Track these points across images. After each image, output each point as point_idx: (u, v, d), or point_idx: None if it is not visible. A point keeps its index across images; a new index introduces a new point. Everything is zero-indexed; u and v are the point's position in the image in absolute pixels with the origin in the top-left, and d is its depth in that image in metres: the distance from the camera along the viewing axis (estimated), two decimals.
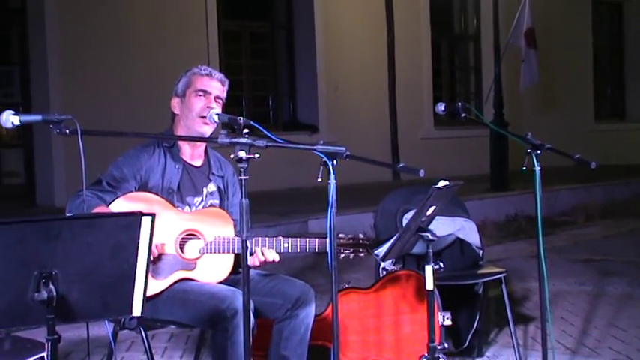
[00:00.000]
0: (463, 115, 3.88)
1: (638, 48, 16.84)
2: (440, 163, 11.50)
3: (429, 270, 3.38)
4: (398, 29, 12.57)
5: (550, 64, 13.30)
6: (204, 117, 3.45)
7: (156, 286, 3.33)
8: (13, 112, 2.68)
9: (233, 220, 3.47)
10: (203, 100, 3.52)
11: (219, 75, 3.60)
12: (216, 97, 3.54)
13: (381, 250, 3.45)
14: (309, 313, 3.48)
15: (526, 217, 9.06)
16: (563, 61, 14.63)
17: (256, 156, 2.83)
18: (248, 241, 2.79)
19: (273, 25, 12.07)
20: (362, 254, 3.47)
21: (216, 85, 3.56)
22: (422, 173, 3.10)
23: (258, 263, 3.43)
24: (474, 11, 14.31)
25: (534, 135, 3.82)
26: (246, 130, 2.88)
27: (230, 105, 11.17)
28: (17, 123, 2.67)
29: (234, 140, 2.82)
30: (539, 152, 3.73)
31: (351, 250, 3.45)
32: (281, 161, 10.04)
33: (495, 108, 10.57)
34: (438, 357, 3.43)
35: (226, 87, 3.61)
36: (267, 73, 12.08)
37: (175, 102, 3.59)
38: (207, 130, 3.50)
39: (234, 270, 3.44)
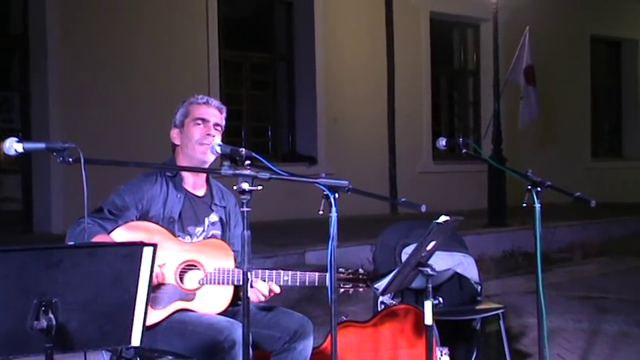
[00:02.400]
0: (464, 150, 3.90)
1: (636, 86, 16.93)
2: (438, 197, 11.48)
3: (428, 305, 3.37)
4: (398, 63, 12.62)
5: (549, 101, 13.34)
6: (205, 144, 3.46)
7: (154, 316, 3.31)
8: (16, 139, 2.69)
9: (234, 251, 3.47)
10: (202, 129, 3.53)
11: (216, 103, 3.62)
12: (215, 125, 3.56)
13: (381, 285, 3.44)
14: (307, 346, 3.47)
15: (523, 252, 9.03)
16: (562, 99, 14.69)
17: (259, 188, 2.83)
18: (249, 273, 2.79)
19: (274, 56, 12.13)
20: (361, 289, 3.46)
21: (214, 113, 3.58)
22: (423, 208, 3.11)
23: (256, 299, 3.41)
24: (474, 46, 14.39)
25: (533, 171, 3.83)
26: (247, 162, 2.88)
27: (229, 135, 11.20)
28: (20, 150, 2.68)
29: (237, 172, 2.83)
30: (539, 189, 3.74)
31: (351, 285, 3.44)
32: (278, 192, 10.00)
33: (494, 144, 10.58)
34: None
35: (224, 114, 3.63)
36: (266, 104, 12.13)
37: (175, 133, 3.61)
38: (210, 157, 3.51)
39: (234, 302, 3.43)
